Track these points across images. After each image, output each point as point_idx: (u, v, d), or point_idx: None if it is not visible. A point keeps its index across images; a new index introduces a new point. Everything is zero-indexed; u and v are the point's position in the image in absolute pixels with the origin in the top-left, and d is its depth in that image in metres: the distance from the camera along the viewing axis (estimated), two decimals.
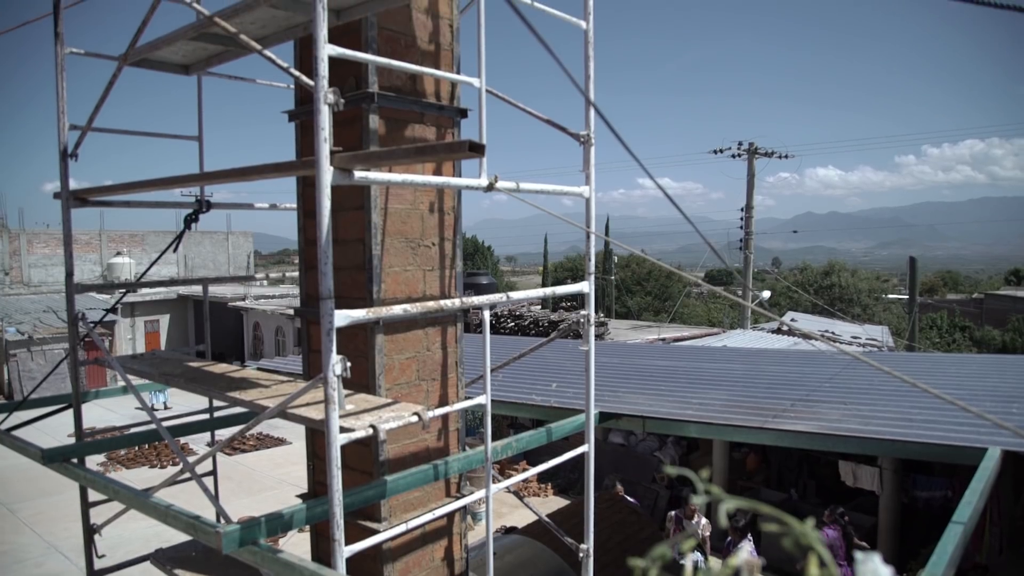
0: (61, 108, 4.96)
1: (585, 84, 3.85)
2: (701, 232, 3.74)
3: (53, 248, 35.76)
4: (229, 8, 3.72)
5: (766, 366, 11.27)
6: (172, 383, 4.54)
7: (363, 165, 2.74)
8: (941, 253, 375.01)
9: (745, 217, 28.46)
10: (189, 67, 5.18)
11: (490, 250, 62.67)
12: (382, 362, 3.94)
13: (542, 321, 22.69)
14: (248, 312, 32.58)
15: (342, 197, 3.86)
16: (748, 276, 28.23)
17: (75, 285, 5.10)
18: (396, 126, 3.97)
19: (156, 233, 39.35)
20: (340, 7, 3.64)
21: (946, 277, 80.00)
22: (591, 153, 3.97)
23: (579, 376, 7.43)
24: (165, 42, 4.38)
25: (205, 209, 5.57)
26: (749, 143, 28.36)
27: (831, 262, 55.56)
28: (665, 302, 50.48)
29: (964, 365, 11.19)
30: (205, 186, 5.33)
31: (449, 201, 4.34)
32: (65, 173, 4.98)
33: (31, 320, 28.43)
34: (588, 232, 3.79)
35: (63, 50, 4.97)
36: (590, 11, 4.03)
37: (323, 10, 2.68)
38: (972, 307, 51.99)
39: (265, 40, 4.19)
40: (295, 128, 4.36)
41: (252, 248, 44.61)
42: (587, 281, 4.09)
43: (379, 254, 3.87)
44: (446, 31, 4.27)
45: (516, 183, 3.30)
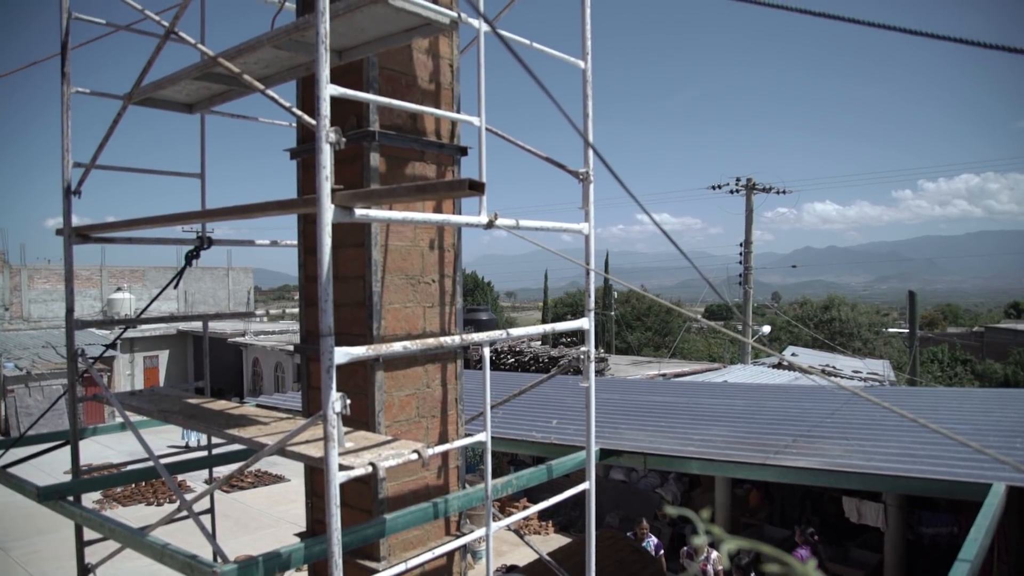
0: (66, 146, 5.02)
1: (584, 123, 3.90)
2: (699, 268, 3.76)
3: (54, 283, 35.81)
4: (233, 49, 3.78)
5: (767, 402, 11.22)
6: (171, 420, 4.52)
7: (364, 203, 2.77)
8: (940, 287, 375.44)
9: (744, 252, 28.56)
10: (192, 106, 5.24)
11: (490, 286, 62.74)
12: (382, 399, 3.93)
13: (542, 357, 22.63)
14: (247, 348, 32.52)
15: (343, 234, 3.89)
16: (748, 311, 28.24)
17: (75, 321, 5.11)
18: (397, 163, 4.01)
19: (157, 269, 39.46)
20: (342, 48, 3.71)
21: (946, 310, 79.96)
22: (590, 190, 4.01)
23: (580, 412, 7.39)
24: (169, 81, 4.44)
25: (207, 245, 5.60)
26: (747, 179, 28.58)
27: (831, 296, 55.59)
28: (665, 337, 50.39)
29: (966, 399, 11.14)
30: (207, 223, 5.36)
31: (449, 238, 4.36)
32: (68, 210, 5.02)
33: (30, 355, 28.35)
34: (588, 269, 3.81)
35: (69, 89, 5.05)
36: (588, 51, 4.10)
37: (325, 51, 2.72)
38: (973, 340, 51.92)
39: (268, 79, 4.26)
40: (297, 165, 4.40)
41: (252, 284, 44.68)
42: (587, 317, 4.09)
43: (379, 291, 3.89)
44: (446, 71, 4.34)
45: (516, 220, 3.33)
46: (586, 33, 4.23)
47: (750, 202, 28.55)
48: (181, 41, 4.16)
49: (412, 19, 3.27)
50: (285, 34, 3.45)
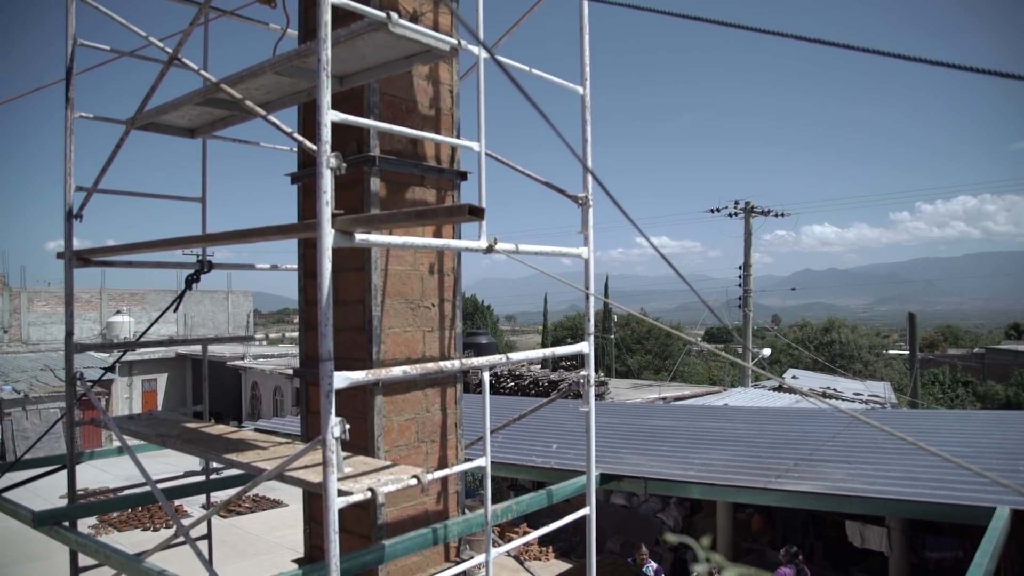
0: (68, 170, 5.05)
1: (583, 148, 3.92)
2: (697, 292, 3.76)
3: (53, 306, 35.81)
4: (235, 75, 3.81)
5: (768, 425, 11.18)
6: (169, 444, 4.50)
7: (364, 228, 2.78)
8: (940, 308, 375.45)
9: (743, 275, 28.60)
10: (194, 131, 5.28)
11: (490, 309, 62.74)
12: (381, 424, 3.91)
13: (542, 381, 22.58)
14: (246, 371, 32.44)
15: (343, 258, 3.90)
16: (748, 334, 28.21)
17: (74, 344, 5.10)
18: (397, 188, 4.03)
19: (156, 292, 39.46)
20: (343, 74, 3.74)
21: (946, 332, 79.87)
22: (589, 215, 4.02)
23: (580, 437, 7.35)
24: (172, 107, 4.47)
25: (207, 269, 5.61)
26: (746, 202, 28.70)
27: (831, 318, 55.57)
28: (666, 360, 50.29)
29: (968, 422, 11.10)
30: (207, 247, 5.37)
31: (449, 262, 4.37)
32: (69, 233, 5.04)
33: (28, 378, 28.26)
34: (587, 293, 3.81)
35: (73, 114, 5.09)
36: (587, 77, 4.14)
37: (327, 77, 2.75)
38: (973, 362, 51.84)
39: (269, 105, 4.29)
40: (297, 189, 4.42)
41: (252, 307, 44.67)
42: (587, 341, 4.09)
43: (379, 315, 3.89)
44: (446, 96, 4.37)
45: (515, 245, 3.34)
46: (585, 59, 4.27)
47: (749, 225, 28.65)
48: (184, 67, 4.20)
49: (413, 46, 3.30)
50: (287, 60, 3.48)
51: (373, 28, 3.01)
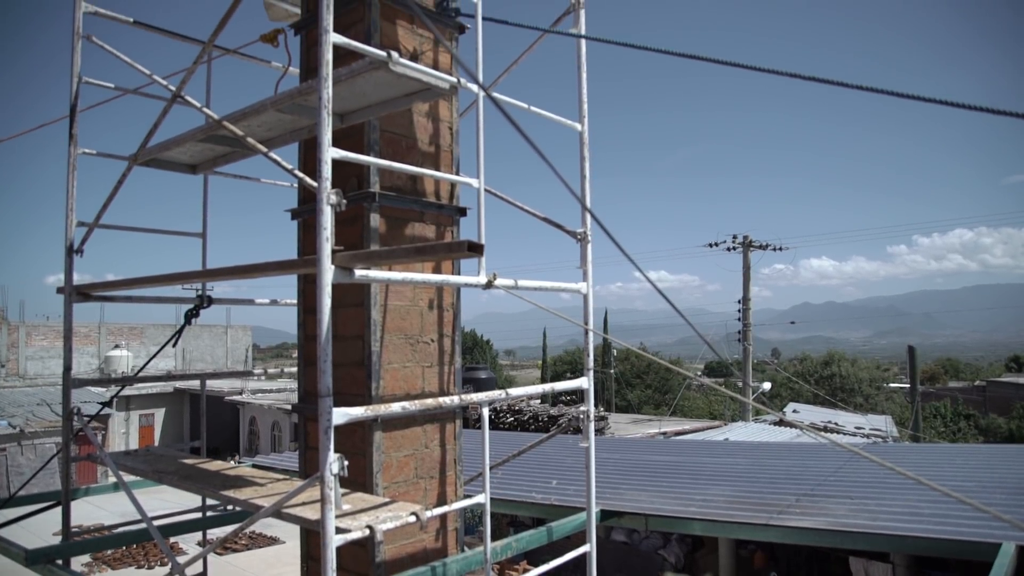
0: (70, 205, 5.08)
1: (581, 184, 3.96)
2: (695, 327, 3.77)
3: (52, 340, 35.71)
4: (238, 112, 3.86)
5: (769, 460, 11.09)
6: (166, 480, 4.46)
7: (364, 264, 2.79)
8: (940, 341, 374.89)
9: (742, 309, 28.61)
10: (196, 167, 5.33)
11: (489, 344, 62.61)
12: (380, 460, 3.88)
13: (542, 416, 22.46)
14: (245, 406, 32.25)
15: (342, 294, 3.91)
16: (748, 369, 28.12)
17: (72, 379, 5.08)
18: (397, 224, 4.06)
19: (155, 326, 39.39)
20: (344, 111, 3.79)
21: (946, 365, 79.67)
22: (588, 250, 4.04)
23: (580, 472, 7.30)
24: (175, 143, 4.52)
25: (206, 304, 5.62)
26: (744, 236, 28.83)
27: (830, 352, 55.47)
28: (666, 395, 50.07)
29: (971, 456, 11.01)
30: (207, 282, 5.39)
31: (448, 297, 4.38)
32: (70, 268, 5.06)
33: (24, 413, 28.07)
34: (586, 329, 3.82)
35: (76, 150, 5.14)
36: (585, 115, 4.19)
37: (327, 115, 2.78)
38: (975, 395, 51.63)
39: (271, 142, 4.34)
40: (298, 225, 4.45)
41: (251, 342, 44.58)
42: (586, 377, 4.08)
43: (378, 350, 3.88)
44: (446, 133, 4.42)
45: (515, 280, 3.35)
46: (582, 97, 4.33)
47: (747, 259, 28.74)
48: (187, 104, 4.25)
49: (413, 84, 3.35)
50: (288, 98, 3.52)
51: (374, 67, 3.06)
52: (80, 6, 5.04)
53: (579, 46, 4.37)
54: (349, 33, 3.80)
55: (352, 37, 3.04)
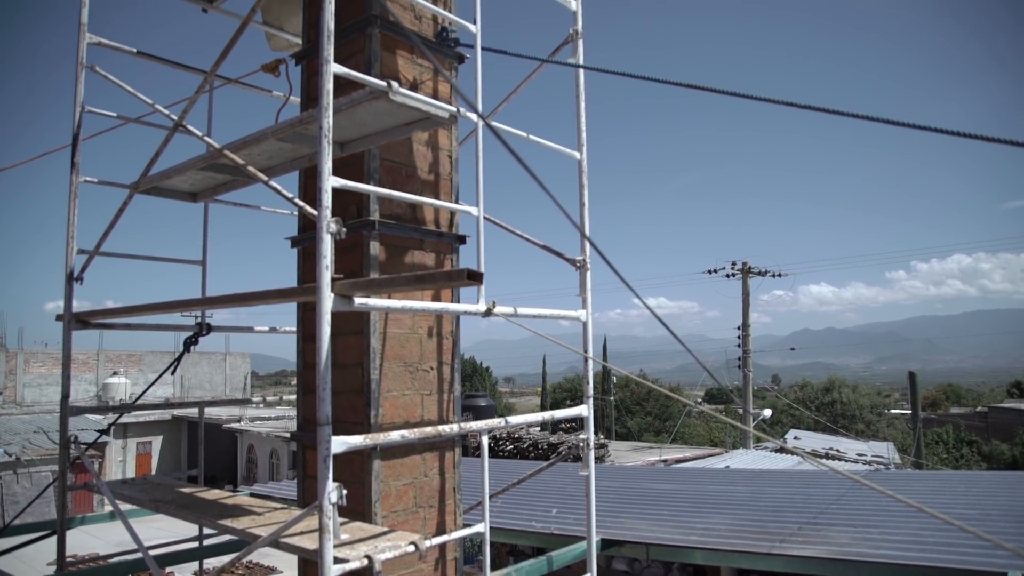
0: (71, 233, 5.10)
1: (580, 212, 3.98)
2: (694, 353, 3.77)
3: (50, 368, 35.60)
4: (239, 141, 3.89)
5: (771, 488, 11.01)
6: (162, 510, 4.43)
7: (363, 292, 2.79)
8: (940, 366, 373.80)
9: (742, 335, 28.57)
10: (197, 195, 5.36)
11: (488, 371, 62.45)
12: (379, 488, 3.86)
13: (541, 444, 22.33)
14: (243, 434, 32.06)
15: (341, 321, 3.90)
16: (748, 396, 28.01)
17: (70, 407, 5.06)
18: (396, 252, 4.07)
19: (154, 353, 39.29)
20: (344, 140, 3.82)
21: (947, 390, 79.39)
22: (587, 278, 4.05)
23: (580, 501, 7.24)
24: (176, 172, 4.55)
25: (205, 332, 5.61)
26: (743, 262, 28.89)
27: (831, 378, 55.32)
28: (666, 422, 49.84)
29: (974, 483, 10.93)
30: (207, 309, 5.39)
31: (448, 325, 4.38)
32: (69, 296, 5.06)
33: (20, 441, 27.88)
34: (586, 357, 3.81)
35: (78, 179, 5.17)
36: (583, 143, 4.22)
37: (328, 144, 2.81)
38: (977, 421, 51.39)
39: (271, 170, 4.36)
40: (298, 253, 4.46)
41: (249, 369, 44.44)
42: (586, 404, 4.07)
43: (377, 378, 3.87)
44: (445, 162, 4.45)
45: (514, 308, 3.36)
46: (581, 125, 4.36)
47: (746, 285, 28.77)
48: (188, 133, 4.29)
49: (413, 113, 3.38)
50: (289, 128, 3.55)
51: (374, 96, 3.09)
52: (84, 37, 5.10)
53: (577, 76, 4.42)
54: (349, 63, 3.85)
55: (352, 67, 3.07)
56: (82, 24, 5.08)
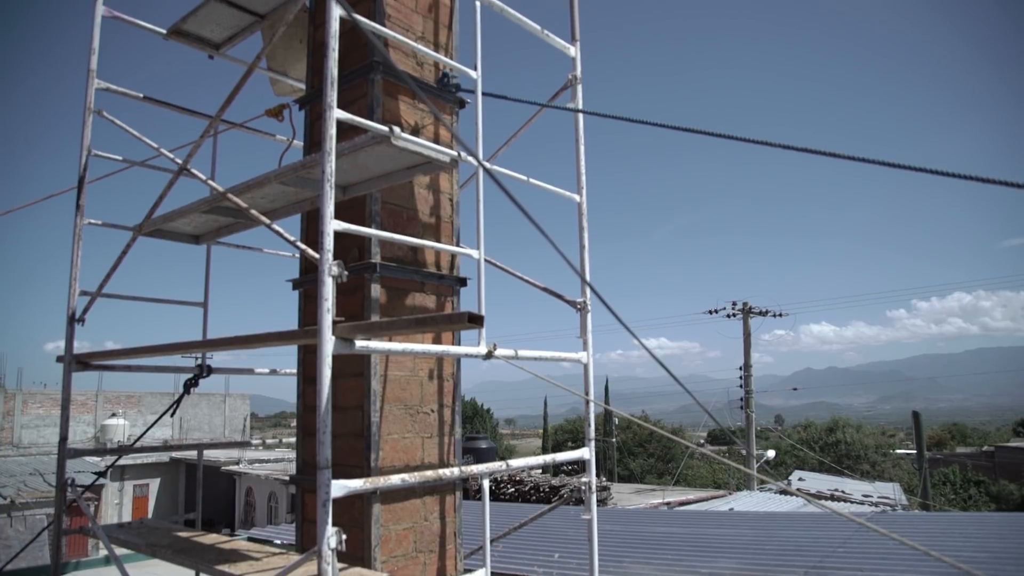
0: (74, 275, 5.12)
1: (580, 255, 4.01)
2: (695, 396, 3.75)
3: (48, 408, 35.36)
4: (242, 184, 3.93)
5: (776, 531, 10.86)
6: (159, 555, 4.37)
7: (364, 335, 2.80)
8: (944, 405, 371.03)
9: (744, 376, 28.43)
10: (200, 237, 5.39)
11: (489, 413, 62.03)
12: (378, 533, 3.81)
13: (543, 486, 22.08)
14: (241, 476, 31.71)
15: (342, 364, 3.90)
16: (751, 436, 27.77)
17: (68, 449, 5.02)
18: (397, 295, 4.08)
19: (153, 394, 39.07)
20: (346, 183, 3.86)
21: (953, 430, 78.67)
22: (588, 320, 4.06)
23: (582, 545, 7.13)
24: (179, 214, 4.59)
25: (206, 374, 5.60)
26: (743, 303, 28.89)
27: (834, 418, 54.87)
28: (668, 463, 49.34)
29: (983, 525, 10.78)
30: (207, 351, 5.38)
31: (448, 367, 4.37)
32: (71, 338, 5.06)
33: (16, 483, 27.55)
34: (587, 400, 3.80)
35: (82, 221, 5.20)
36: (583, 186, 4.26)
37: (330, 189, 2.84)
38: (984, 460, 50.79)
39: (274, 213, 4.40)
40: (299, 295, 4.47)
41: (249, 411, 44.14)
42: (587, 447, 4.04)
43: (378, 421, 3.85)
44: (446, 205, 4.49)
45: (515, 350, 3.36)
46: (580, 168, 4.41)
47: (747, 326, 28.73)
48: (192, 177, 4.34)
49: (414, 158, 3.42)
50: (292, 171, 3.60)
51: (376, 141, 3.14)
52: (93, 83, 5.19)
53: (577, 120, 4.48)
54: (352, 108, 3.91)
55: (355, 112, 3.12)
56: (91, 71, 5.17)
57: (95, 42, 5.24)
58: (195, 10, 5.05)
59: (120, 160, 5.62)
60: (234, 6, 4.92)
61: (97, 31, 5.26)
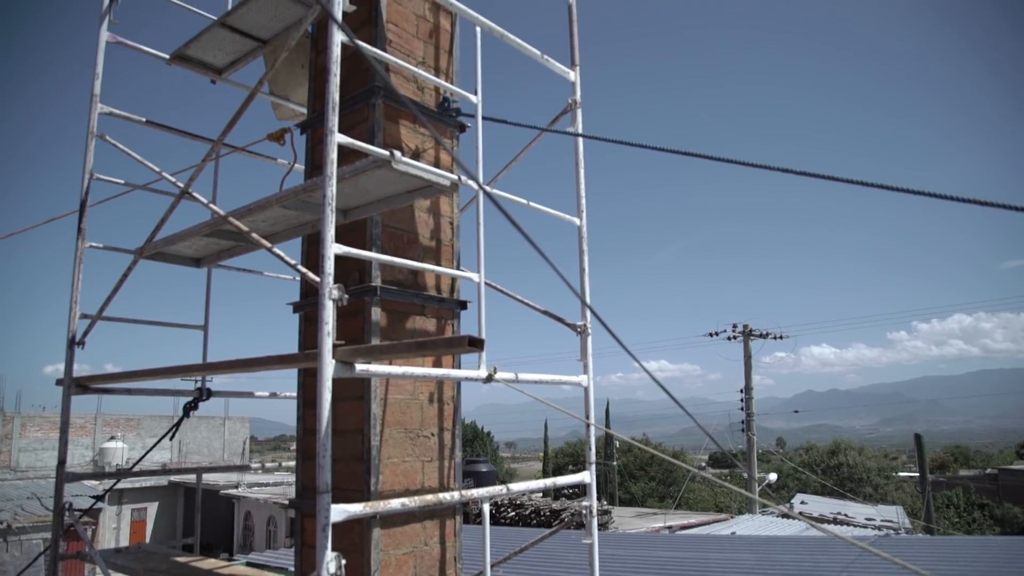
0: (75, 298, 5.13)
1: (580, 278, 4.01)
2: (695, 418, 3.74)
3: (47, 431, 35.20)
4: (243, 208, 3.94)
5: (778, 555, 10.76)
6: None
7: (365, 358, 2.80)
8: (947, 427, 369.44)
9: (745, 398, 28.34)
10: (200, 260, 5.41)
11: (490, 436, 61.74)
12: (377, 558, 3.78)
13: (544, 510, 21.92)
14: (240, 500, 31.49)
15: (342, 387, 3.89)
16: (752, 460, 27.62)
17: (66, 473, 5.00)
18: (398, 318, 4.08)
19: (152, 417, 38.92)
20: (347, 207, 3.87)
21: (956, 452, 78.18)
22: (588, 343, 4.06)
23: (583, 570, 7.06)
24: (180, 238, 4.60)
25: (205, 397, 5.58)
26: (743, 325, 28.86)
27: (836, 441, 54.56)
28: (670, 487, 49.01)
29: (987, 549, 10.69)
30: (207, 375, 5.37)
31: (449, 391, 4.36)
32: (71, 361, 5.06)
33: (12, 507, 27.34)
34: (588, 423, 3.79)
35: (83, 244, 5.22)
36: (583, 209, 4.28)
37: (331, 213, 2.85)
38: (987, 483, 50.42)
39: (274, 236, 4.41)
40: (299, 318, 4.47)
41: (248, 434, 43.93)
42: (588, 471, 4.02)
43: (378, 445, 3.84)
44: (447, 228, 4.50)
45: (515, 374, 3.35)
46: (580, 192, 4.44)
47: (748, 348, 28.68)
48: (194, 200, 4.35)
49: (415, 181, 3.44)
50: (293, 195, 3.61)
51: (377, 165, 3.16)
52: (96, 107, 5.23)
53: (576, 144, 4.51)
54: (353, 132, 3.94)
55: (356, 136, 3.15)
56: (94, 95, 5.21)
57: (99, 67, 5.29)
58: (198, 35, 5.10)
59: (122, 183, 5.65)
60: (237, 32, 4.97)
61: (101, 56, 5.32)
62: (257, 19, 4.80)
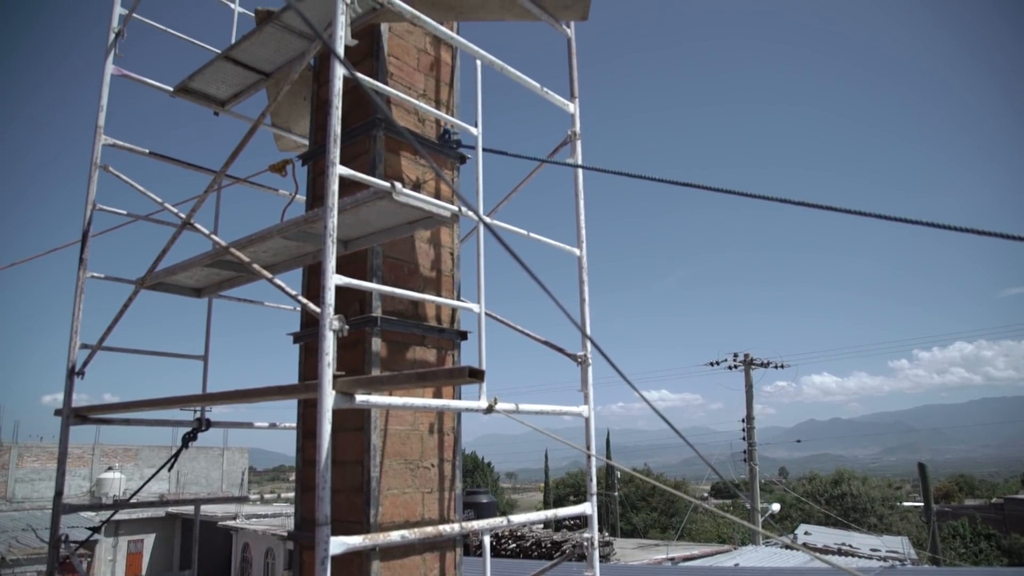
0: (75, 328, 5.13)
1: (580, 308, 4.02)
2: (697, 449, 3.72)
3: (44, 462, 34.94)
4: (244, 239, 3.96)
5: None
6: None
7: (365, 390, 2.79)
8: (951, 456, 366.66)
9: (747, 428, 28.18)
10: (201, 290, 5.41)
11: (490, 467, 61.32)
12: None
13: (545, 542, 21.70)
14: (238, 532, 31.15)
15: (342, 418, 3.88)
16: (755, 490, 27.38)
17: (63, 505, 4.96)
18: (398, 348, 4.08)
19: (150, 448, 38.67)
20: (348, 238, 3.89)
21: (960, 481, 77.47)
22: (589, 373, 4.05)
23: None
24: (181, 268, 4.62)
25: (204, 428, 5.56)
26: (744, 354, 28.80)
27: (839, 470, 54.11)
28: (672, 517, 48.52)
29: None
30: (207, 405, 5.35)
31: (449, 422, 4.34)
32: (70, 391, 5.04)
33: (7, 539, 27.03)
34: (588, 454, 3.77)
35: (85, 274, 5.23)
36: (583, 239, 4.30)
37: (332, 244, 2.86)
38: (993, 513, 49.89)
39: (275, 267, 4.43)
40: (300, 348, 4.47)
41: (247, 464, 43.61)
42: (589, 502, 3.99)
43: (378, 476, 3.81)
44: (447, 259, 4.52)
45: (515, 404, 3.34)
46: (580, 222, 4.46)
47: (749, 377, 28.59)
48: (196, 231, 4.38)
49: (415, 212, 3.46)
50: (295, 226, 3.63)
51: (378, 196, 3.18)
52: (100, 139, 5.28)
53: (576, 175, 4.54)
54: (354, 163, 3.97)
55: (357, 167, 3.18)
56: (98, 127, 5.26)
57: (103, 99, 5.35)
58: (202, 68, 5.16)
59: (124, 214, 5.68)
60: (240, 65, 5.04)
61: (106, 89, 5.38)
62: (260, 52, 4.86)
